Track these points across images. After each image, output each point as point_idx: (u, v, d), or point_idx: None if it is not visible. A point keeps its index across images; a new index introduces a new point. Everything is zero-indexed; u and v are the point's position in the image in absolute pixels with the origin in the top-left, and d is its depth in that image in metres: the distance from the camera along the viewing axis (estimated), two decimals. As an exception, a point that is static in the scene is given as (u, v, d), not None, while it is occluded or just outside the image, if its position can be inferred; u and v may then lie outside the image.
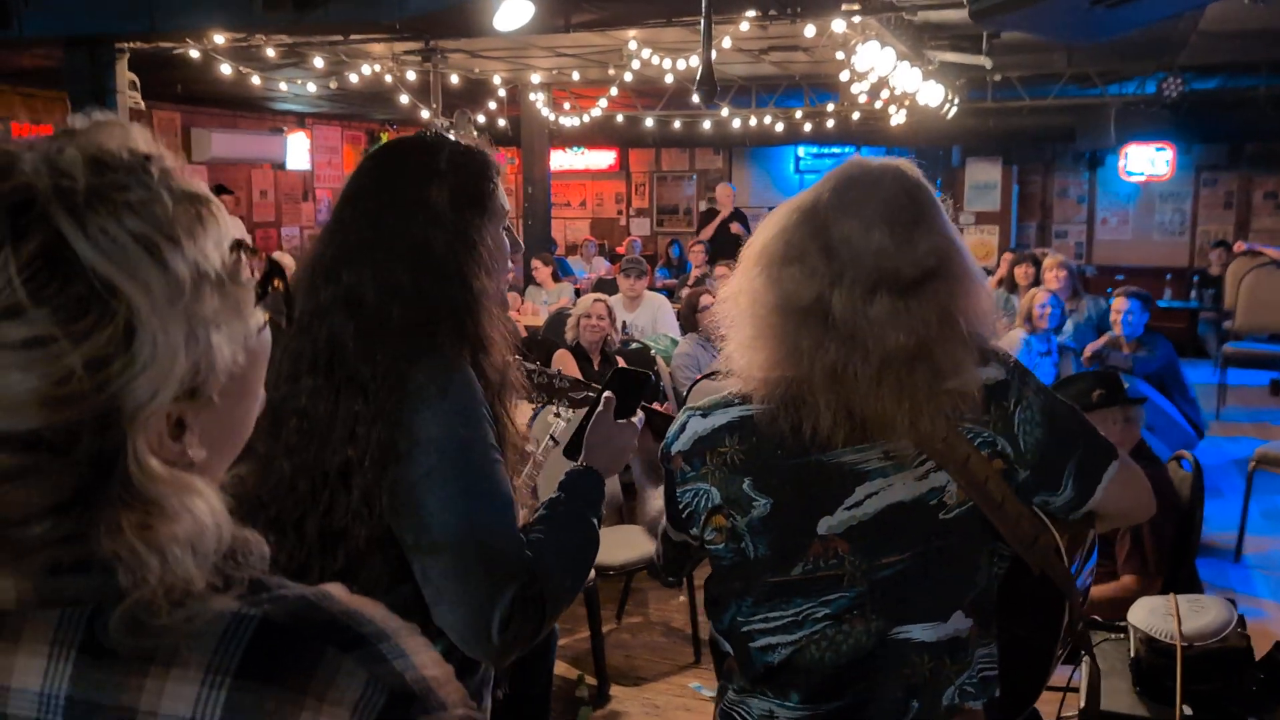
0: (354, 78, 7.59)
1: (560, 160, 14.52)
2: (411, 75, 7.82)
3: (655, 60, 6.90)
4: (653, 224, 15.43)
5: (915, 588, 1.50)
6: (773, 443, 1.49)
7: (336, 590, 0.73)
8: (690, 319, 5.96)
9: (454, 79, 8.46)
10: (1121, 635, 2.88)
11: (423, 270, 1.50)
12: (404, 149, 1.61)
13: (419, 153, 1.58)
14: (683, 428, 1.58)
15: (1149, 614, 2.85)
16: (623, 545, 4.08)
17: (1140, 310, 5.89)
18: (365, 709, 0.67)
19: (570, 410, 2.11)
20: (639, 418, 1.76)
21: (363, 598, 0.73)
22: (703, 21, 4.01)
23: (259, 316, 0.75)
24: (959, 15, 5.85)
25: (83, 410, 0.64)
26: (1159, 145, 12.16)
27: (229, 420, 0.76)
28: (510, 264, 1.69)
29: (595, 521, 1.62)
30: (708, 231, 11.31)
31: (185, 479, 0.69)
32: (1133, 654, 2.75)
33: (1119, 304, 5.90)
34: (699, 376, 5.06)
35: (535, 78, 9.11)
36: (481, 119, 9.55)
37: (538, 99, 9.90)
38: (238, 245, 0.73)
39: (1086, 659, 2.78)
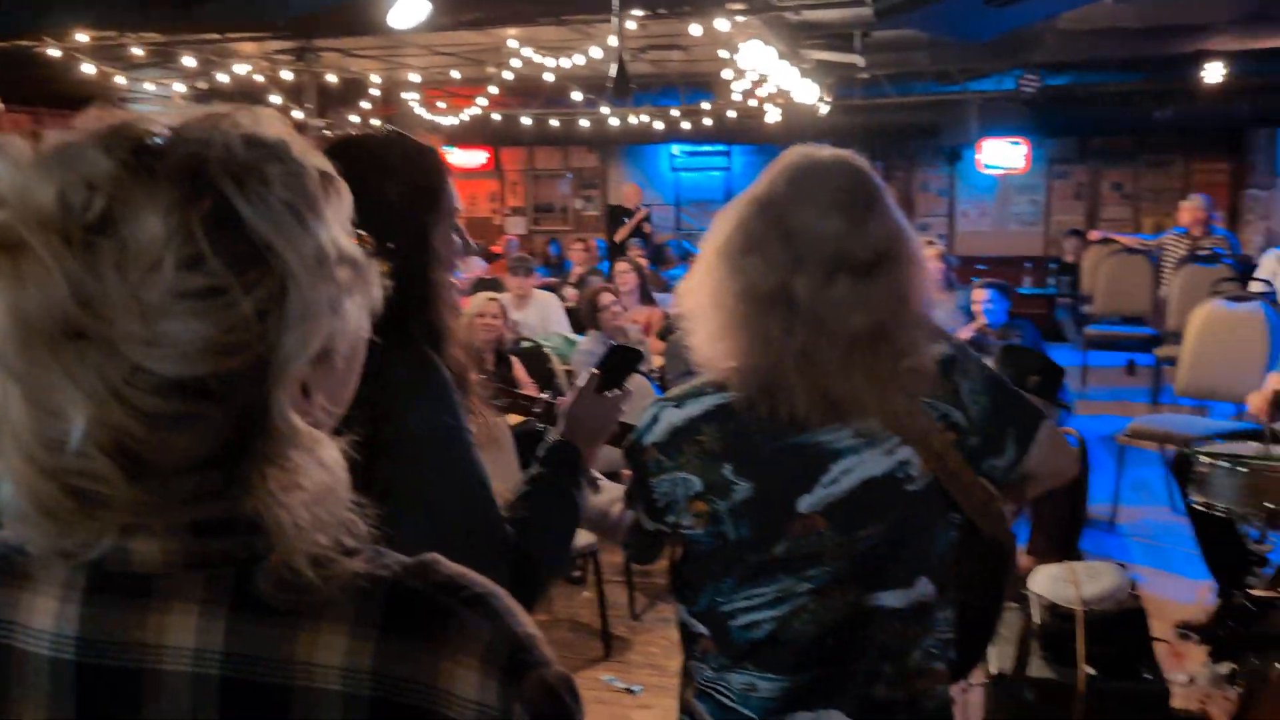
0: (225, 77, 7.35)
1: (432, 160, 14.32)
2: (288, 75, 7.61)
3: (537, 59, 6.88)
4: (529, 222, 15.37)
5: (887, 558, 1.57)
6: (751, 428, 1.54)
7: (437, 557, 0.80)
8: (591, 317, 5.95)
9: (331, 78, 8.27)
10: (1018, 605, 3.01)
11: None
12: (358, 146, 1.61)
13: (373, 149, 1.58)
14: (655, 419, 1.60)
15: (1049, 581, 3.00)
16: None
17: (1000, 298, 6.20)
18: (492, 658, 0.74)
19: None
20: (625, 393, 1.77)
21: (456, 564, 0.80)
22: (614, 19, 4.03)
23: (378, 290, 0.81)
24: (833, 15, 6.02)
25: (244, 360, 0.69)
26: (1014, 139, 12.72)
27: (343, 386, 0.82)
28: (460, 264, 1.71)
29: (577, 494, 1.63)
30: (624, 231, 11.36)
31: (320, 435, 0.75)
32: (1036, 620, 2.89)
33: (978, 294, 6.21)
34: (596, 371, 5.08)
35: (413, 77, 8.97)
36: (356, 119, 9.36)
37: (413, 98, 9.76)
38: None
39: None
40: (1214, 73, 9.45)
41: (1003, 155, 13.10)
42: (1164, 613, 4.16)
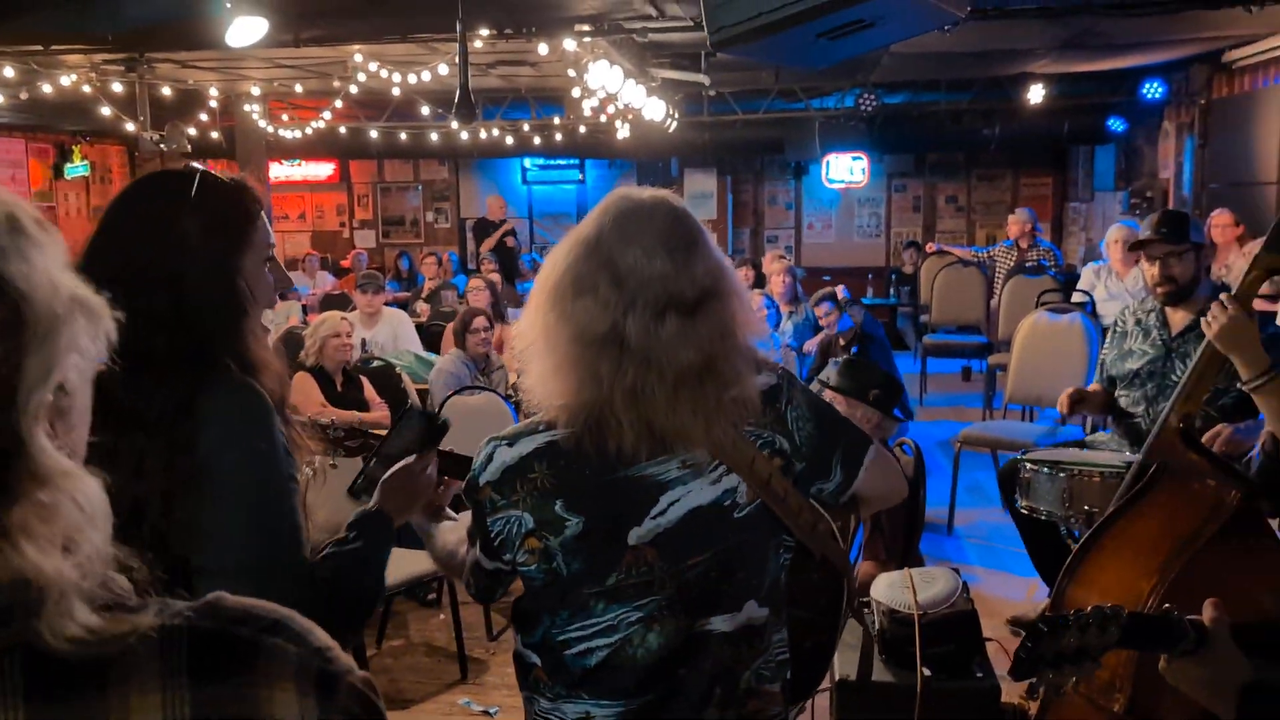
0: (48, 88, 6.99)
1: (277, 171, 13.94)
2: (118, 86, 7.29)
3: (383, 74, 6.79)
4: (378, 236, 15.11)
5: (716, 584, 1.62)
6: (580, 464, 1.57)
7: (222, 594, 0.79)
8: (460, 336, 5.89)
9: (165, 90, 7.95)
10: (865, 610, 3.12)
11: (181, 300, 1.51)
12: (158, 180, 1.64)
13: (172, 184, 1.59)
14: (489, 459, 1.62)
15: (888, 588, 3.12)
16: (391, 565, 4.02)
17: (834, 306, 6.46)
18: (305, 677, 0.76)
19: (346, 458, 2.08)
20: (434, 462, 1.81)
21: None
22: (459, 45, 4.01)
23: (110, 322, 0.80)
24: (680, 36, 6.14)
25: None
26: (856, 155, 13.19)
27: (82, 420, 0.80)
28: (274, 298, 1.71)
29: (382, 564, 1.66)
30: (489, 243, 11.26)
31: (76, 469, 0.73)
32: (877, 626, 3.00)
33: (819, 309, 6.47)
34: (451, 392, 5.04)
35: (253, 89, 8.71)
36: (192, 131, 9.03)
37: (254, 110, 9.48)
38: None
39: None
40: (1036, 94, 10.04)
41: (845, 170, 13.58)
42: (997, 610, 4.39)
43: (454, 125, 9.32)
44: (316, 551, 1.60)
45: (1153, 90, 9.73)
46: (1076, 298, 7.45)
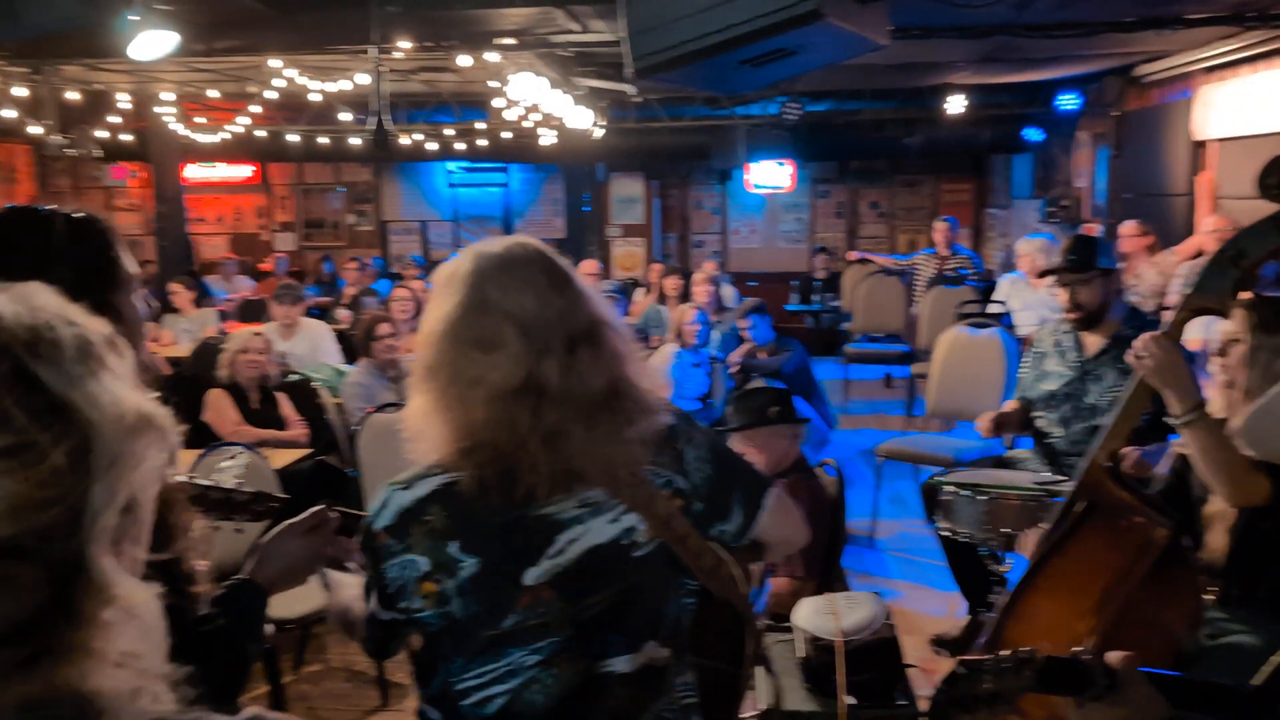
0: (-54, 89, 6.72)
1: (193, 172, 13.59)
2: (22, 91, 7.01)
3: (301, 80, 6.64)
4: (299, 238, 14.81)
5: (615, 624, 1.60)
6: (477, 504, 1.55)
7: (258, 712, 0.84)
8: (365, 346, 5.76)
9: (73, 95, 7.68)
10: (789, 636, 3.13)
11: None
12: (12, 231, 1.53)
13: (31, 233, 1.50)
14: (384, 504, 1.60)
15: (812, 614, 3.12)
16: (298, 596, 3.92)
17: (760, 319, 6.51)
18: None
19: (254, 524, 1.99)
20: (332, 520, 1.76)
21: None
22: (374, 75, 3.92)
23: (175, 437, 0.82)
24: (602, 50, 6.11)
25: (57, 513, 0.70)
26: (781, 161, 13.28)
27: (145, 529, 0.81)
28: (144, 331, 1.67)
29: (252, 641, 1.62)
30: None
31: (136, 584, 0.75)
32: (800, 654, 3.01)
33: (743, 323, 6.51)
34: (370, 409, 4.94)
35: (166, 95, 8.47)
36: (104, 134, 8.76)
37: (168, 114, 9.21)
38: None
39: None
40: (956, 104, 10.21)
41: (770, 176, 13.67)
42: (919, 628, 4.45)
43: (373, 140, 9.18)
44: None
45: (1068, 102, 9.96)
46: (994, 308, 7.60)
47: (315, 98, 7.30)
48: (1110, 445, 2.62)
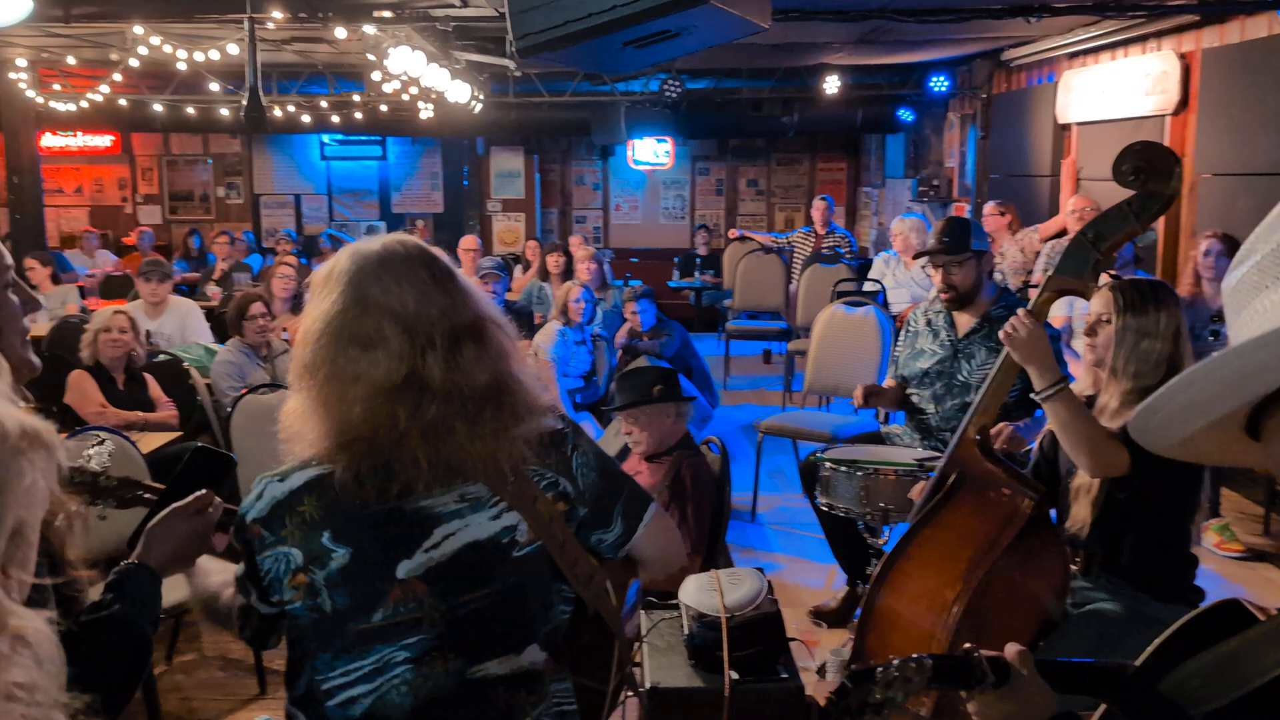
0: None
1: (50, 140, 12.92)
2: None
3: (167, 49, 6.35)
4: (165, 212, 14.23)
5: (492, 624, 1.59)
6: (352, 494, 1.54)
7: None
8: (237, 325, 5.58)
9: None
10: (675, 613, 3.16)
11: None
12: None
13: None
14: (259, 495, 1.58)
15: (697, 591, 3.16)
16: (170, 585, 3.79)
17: (649, 305, 6.57)
18: None
19: (120, 510, 1.93)
20: (216, 506, 1.71)
21: None
22: (248, 45, 3.77)
23: (63, 454, 0.77)
24: (483, 25, 6.01)
25: None
26: (661, 138, 13.33)
27: (32, 551, 0.77)
28: (26, 323, 1.58)
29: (147, 624, 1.58)
30: None
31: (24, 610, 0.70)
32: (686, 631, 3.04)
33: (630, 305, 6.55)
34: (244, 390, 4.80)
35: (20, 60, 8.00)
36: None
37: (21, 79, 8.71)
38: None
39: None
40: (832, 84, 10.40)
41: (650, 152, 13.71)
42: (799, 600, 4.55)
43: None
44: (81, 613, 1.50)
45: (939, 84, 10.23)
46: (869, 286, 7.79)
47: (182, 67, 7.00)
48: (980, 420, 2.72)
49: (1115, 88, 7.32)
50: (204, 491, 1.72)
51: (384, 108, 10.28)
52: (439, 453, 1.53)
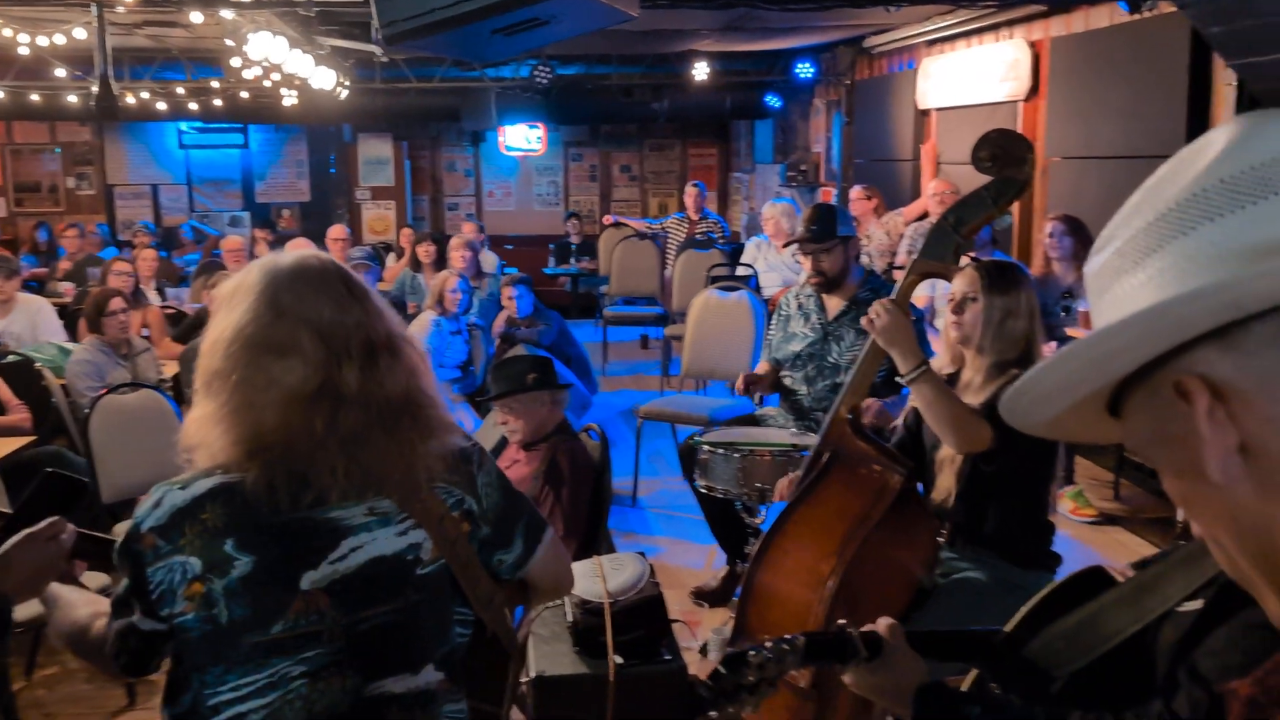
0: None
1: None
2: None
3: (7, 32, 6.01)
4: (9, 204, 13.49)
5: (392, 642, 1.58)
6: (260, 502, 1.51)
7: None
8: (95, 321, 5.34)
9: None
10: (559, 602, 3.17)
11: None
12: None
13: None
14: (158, 503, 1.53)
15: (580, 578, 3.18)
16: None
17: (525, 292, 6.55)
18: None
19: None
20: (69, 533, 1.65)
21: None
22: (97, 29, 3.60)
23: None
24: (348, 6, 5.87)
25: None
26: (533, 124, 13.25)
27: None
28: None
29: (3, 655, 1.52)
30: None
31: None
32: (569, 618, 3.06)
33: (507, 291, 6.53)
34: (103, 390, 4.60)
35: None
36: None
37: None
38: None
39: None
40: (701, 71, 10.50)
41: (522, 138, 13.62)
42: (681, 581, 4.61)
43: (95, 88, 8.47)
44: None
45: (804, 71, 10.44)
46: (741, 271, 7.91)
47: (24, 51, 6.64)
48: (850, 400, 2.81)
49: (971, 74, 7.59)
50: (56, 518, 1.66)
51: (245, 94, 9.95)
52: (357, 462, 1.52)
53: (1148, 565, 1.19)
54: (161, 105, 10.10)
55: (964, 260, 2.85)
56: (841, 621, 1.49)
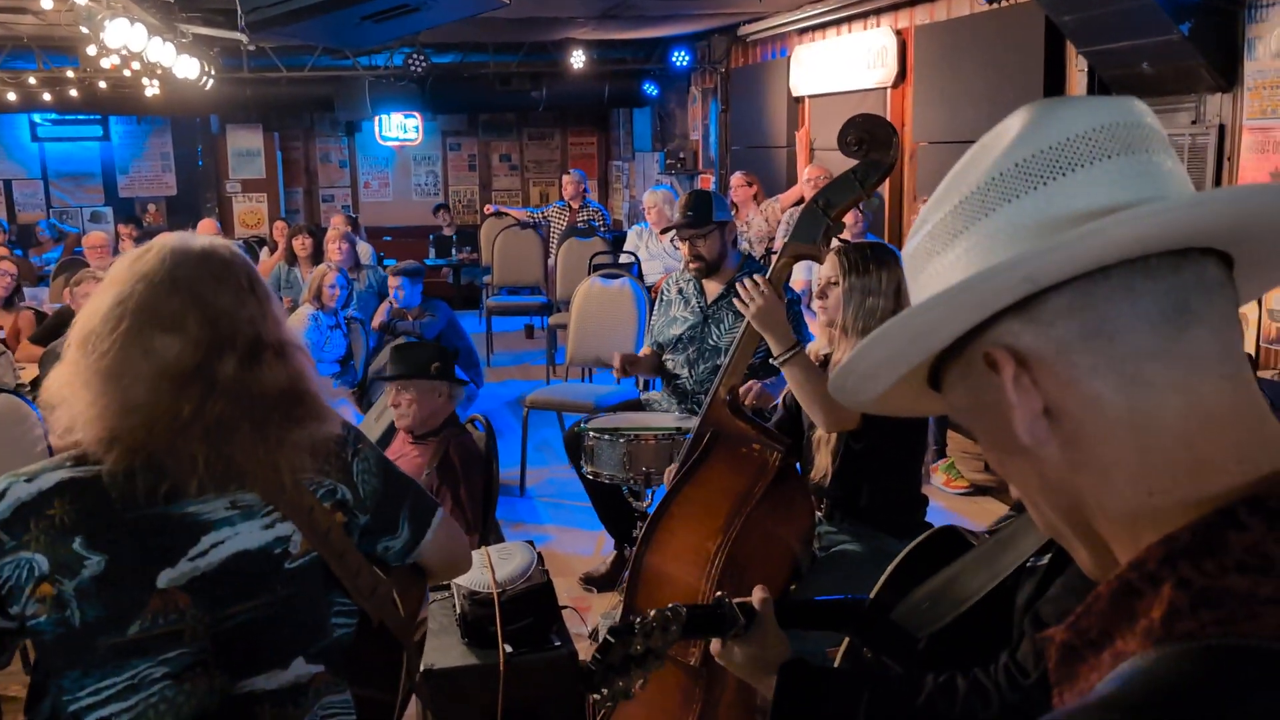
0: None
1: None
2: None
3: None
4: None
5: (260, 638, 1.55)
6: (111, 498, 1.46)
7: None
8: None
9: None
10: (447, 594, 3.16)
11: None
12: None
13: None
14: (1, 495, 1.47)
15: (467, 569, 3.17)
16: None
17: (411, 284, 6.45)
18: None
19: None
20: None
21: None
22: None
23: None
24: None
25: None
26: (409, 113, 13.04)
27: None
28: None
29: None
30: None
31: None
32: (458, 610, 3.05)
33: (393, 282, 6.42)
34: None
35: None
36: None
37: None
38: None
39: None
40: (579, 59, 10.49)
41: (399, 128, 13.40)
42: (570, 568, 4.63)
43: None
44: None
45: (680, 58, 10.52)
46: (624, 258, 7.95)
47: None
48: (729, 381, 2.86)
49: (841, 62, 7.76)
50: None
51: (103, 84, 9.55)
52: (219, 453, 1.48)
53: (1003, 527, 1.26)
54: (11, 96, 9.62)
55: (835, 243, 2.93)
56: (719, 594, 1.53)
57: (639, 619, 1.46)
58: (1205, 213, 0.69)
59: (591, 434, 3.69)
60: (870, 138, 2.68)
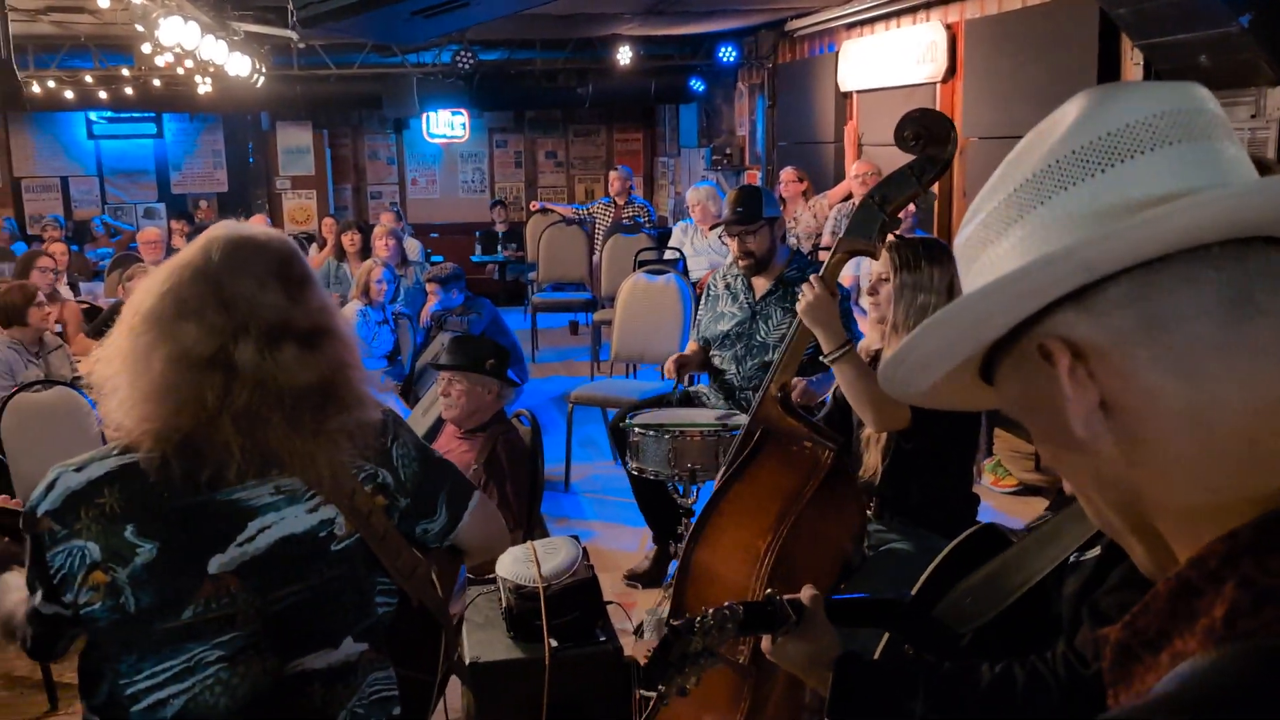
0: None
1: None
2: None
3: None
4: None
5: (310, 619, 1.57)
6: (159, 486, 1.49)
7: None
8: (20, 314, 5.19)
9: None
10: (494, 588, 3.17)
11: None
12: None
13: None
14: (51, 486, 1.50)
15: (514, 563, 3.18)
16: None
17: (445, 290, 6.50)
18: None
19: None
20: None
21: None
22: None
23: None
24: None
25: None
26: (456, 110, 13.11)
27: None
28: None
29: None
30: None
31: None
32: (504, 604, 3.06)
33: (430, 288, 6.46)
34: (14, 389, 4.47)
35: None
36: None
37: None
38: None
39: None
40: (625, 55, 10.48)
41: (446, 125, 13.47)
42: (614, 565, 4.63)
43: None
44: None
45: (727, 54, 10.48)
46: (669, 254, 7.94)
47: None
48: (780, 378, 2.83)
49: (890, 57, 7.68)
50: None
51: (157, 82, 9.69)
52: (253, 441, 1.50)
53: (1043, 524, 1.24)
54: (69, 94, 9.80)
55: (890, 239, 2.89)
56: (769, 590, 1.52)
57: (698, 617, 1.46)
58: (1269, 200, 0.66)
59: (636, 430, 3.68)
60: (927, 133, 2.64)
